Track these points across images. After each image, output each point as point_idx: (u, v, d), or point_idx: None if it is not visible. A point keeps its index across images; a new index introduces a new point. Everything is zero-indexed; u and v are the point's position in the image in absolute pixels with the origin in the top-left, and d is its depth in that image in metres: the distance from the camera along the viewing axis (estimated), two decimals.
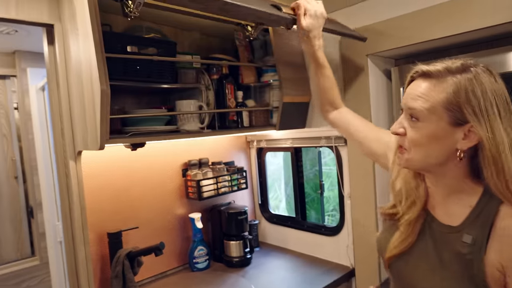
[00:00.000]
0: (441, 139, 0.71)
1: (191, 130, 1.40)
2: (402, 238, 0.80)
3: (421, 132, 0.72)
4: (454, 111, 0.69)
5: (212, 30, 1.68)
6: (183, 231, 1.77)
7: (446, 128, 0.70)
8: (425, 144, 0.72)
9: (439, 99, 0.70)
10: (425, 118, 0.71)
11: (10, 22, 1.21)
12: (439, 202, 0.79)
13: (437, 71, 0.72)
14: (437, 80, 0.71)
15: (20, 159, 2.32)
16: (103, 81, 1.02)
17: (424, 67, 0.74)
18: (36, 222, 2.28)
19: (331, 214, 3.43)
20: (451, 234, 0.74)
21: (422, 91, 0.72)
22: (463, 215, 0.73)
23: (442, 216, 0.78)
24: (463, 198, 0.74)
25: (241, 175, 1.90)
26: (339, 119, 1.15)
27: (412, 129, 0.74)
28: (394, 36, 1.37)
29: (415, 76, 0.76)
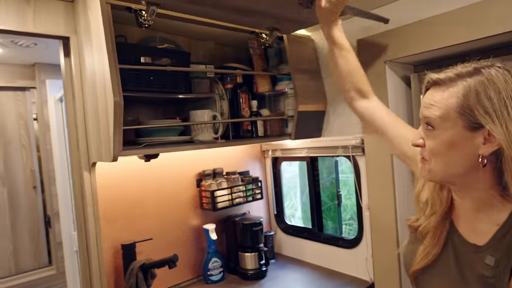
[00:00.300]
0: (459, 146, 0.68)
1: (205, 141, 1.38)
2: (427, 251, 0.77)
3: (437, 140, 0.70)
4: (467, 115, 0.66)
5: (226, 39, 1.68)
6: (197, 242, 1.75)
7: (463, 133, 0.67)
8: (443, 152, 0.70)
9: (450, 104, 0.68)
10: (439, 125, 0.69)
11: (28, 35, 1.23)
12: (465, 217, 0.75)
13: (447, 77, 0.70)
14: (448, 86, 0.69)
15: (39, 169, 2.36)
16: (116, 92, 1.02)
17: (434, 75, 0.72)
18: (53, 231, 2.30)
19: (349, 223, 3.36)
20: (474, 253, 0.71)
21: (434, 99, 0.70)
22: (489, 234, 0.70)
23: (466, 232, 0.74)
24: (493, 215, 0.70)
25: (256, 185, 1.87)
26: (366, 109, 1.03)
27: (428, 138, 0.72)
28: (413, 42, 1.32)
29: (429, 85, 0.74)
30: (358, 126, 1.58)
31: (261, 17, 1.28)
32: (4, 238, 2.24)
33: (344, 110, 1.65)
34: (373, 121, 1.02)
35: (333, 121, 1.70)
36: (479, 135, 0.66)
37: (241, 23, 1.36)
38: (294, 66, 1.58)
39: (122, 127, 1.06)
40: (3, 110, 2.26)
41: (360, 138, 1.55)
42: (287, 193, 3.23)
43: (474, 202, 0.73)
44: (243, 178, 1.86)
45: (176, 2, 1.07)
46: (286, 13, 1.24)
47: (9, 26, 1.14)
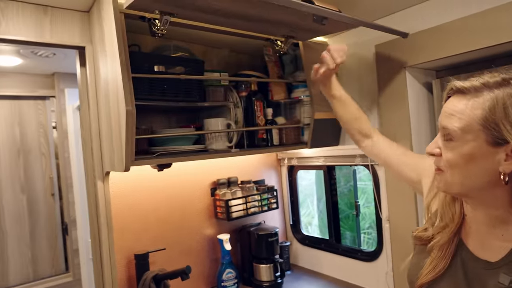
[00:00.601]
0: (479, 160, 0.65)
1: (219, 150, 1.36)
2: (434, 265, 0.74)
3: (455, 152, 0.67)
4: (491, 129, 0.62)
5: (241, 47, 1.66)
6: (212, 252, 1.72)
7: (484, 148, 0.64)
8: (462, 165, 0.66)
9: (474, 116, 0.64)
10: (459, 137, 0.66)
11: (45, 46, 1.25)
12: (476, 232, 0.73)
13: (473, 86, 0.66)
14: (473, 96, 0.65)
15: (57, 177, 2.40)
16: (129, 101, 1.01)
17: (458, 83, 0.68)
18: (70, 238, 2.33)
19: (367, 231, 3.27)
20: (486, 270, 0.68)
21: (456, 109, 0.66)
22: (502, 251, 0.67)
23: (476, 248, 0.72)
24: (508, 232, 0.67)
25: (272, 194, 1.83)
26: (373, 147, 1.10)
27: (446, 149, 0.68)
28: (434, 47, 1.27)
29: (451, 93, 0.70)
30: None
31: (275, 26, 1.25)
32: (23, 245, 2.28)
33: None
34: (378, 157, 1.09)
35: None
36: (501, 150, 0.63)
37: (255, 30, 1.34)
38: (310, 73, 1.54)
39: (134, 137, 1.05)
40: (24, 119, 2.32)
41: None
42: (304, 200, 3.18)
43: (488, 218, 0.70)
44: (258, 187, 1.83)
45: (189, 11, 1.06)
46: (300, 23, 1.21)
47: (27, 37, 1.16)
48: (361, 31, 1.54)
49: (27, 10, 1.16)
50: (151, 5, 1.01)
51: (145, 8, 1.04)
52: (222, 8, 1.03)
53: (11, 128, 2.27)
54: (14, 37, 1.15)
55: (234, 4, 0.99)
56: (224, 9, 1.04)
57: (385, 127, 1.46)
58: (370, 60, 1.51)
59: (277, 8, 1.00)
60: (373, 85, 1.50)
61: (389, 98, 1.43)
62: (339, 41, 1.66)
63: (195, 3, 0.99)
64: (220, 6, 1.01)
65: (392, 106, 1.42)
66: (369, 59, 1.52)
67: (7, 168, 2.25)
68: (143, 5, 1.01)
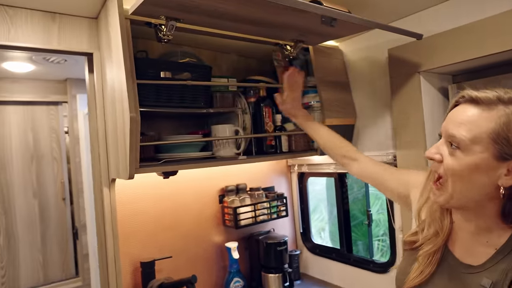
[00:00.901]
0: (482, 172, 0.65)
1: (226, 157, 1.33)
2: (421, 270, 0.76)
3: (461, 162, 0.66)
4: (502, 145, 0.63)
5: (250, 52, 1.64)
6: (220, 260, 1.69)
7: (490, 161, 0.64)
8: (464, 175, 0.66)
9: (486, 129, 0.64)
10: (466, 147, 0.65)
11: (52, 52, 1.25)
12: (461, 239, 0.75)
13: (487, 98, 0.65)
14: (486, 108, 0.65)
15: (68, 182, 2.42)
16: (133, 108, 0.99)
17: (473, 92, 0.67)
18: (80, 243, 2.34)
19: (382, 239, 3.19)
20: (469, 274, 0.70)
21: (467, 118, 0.66)
22: (485, 256, 0.69)
23: (461, 255, 0.74)
24: (492, 239, 0.70)
25: (281, 201, 1.79)
26: (360, 169, 1.12)
27: (451, 157, 0.68)
28: (450, 51, 1.22)
29: (461, 101, 0.70)
30: (390, 142, 1.47)
31: (283, 30, 1.22)
32: (34, 249, 2.30)
33: (374, 124, 1.54)
34: (367, 177, 1.10)
35: (362, 136, 1.60)
36: (504, 165, 0.64)
37: (263, 35, 1.31)
38: (321, 78, 1.51)
39: (138, 144, 1.03)
40: (37, 124, 2.35)
41: (393, 155, 1.44)
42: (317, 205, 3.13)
43: (476, 227, 0.72)
44: (268, 194, 1.79)
45: (195, 16, 1.04)
46: (309, 27, 1.18)
47: (35, 44, 1.16)
48: (373, 35, 1.50)
49: (35, 17, 1.16)
50: (156, 10, 1.00)
51: (150, 13, 1.03)
52: (228, 12, 1.00)
53: (24, 133, 2.30)
54: (22, 44, 1.15)
55: (239, 7, 0.97)
56: (230, 13, 1.01)
57: (398, 132, 1.40)
58: (383, 63, 1.47)
59: (283, 10, 0.97)
60: (386, 89, 1.45)
61: (402, 103, 1.38)
62: (350, 45, 1.62)
63: (200, 7, 0.97)
64: (226, 10, 0.99)
65: (405, 111, 1.37)
66: (381, 62, 1.48)
67: (20, 174, 2.28)
68: (148, 10, 1.00)
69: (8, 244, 2.22)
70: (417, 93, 1.32)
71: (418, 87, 1.32)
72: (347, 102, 1.60)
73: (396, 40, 1.38)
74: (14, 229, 2.24)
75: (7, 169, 2.24)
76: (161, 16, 1.04)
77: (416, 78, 1.32)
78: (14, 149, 2.27)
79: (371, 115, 1.56)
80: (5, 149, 2.25)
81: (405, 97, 1.36)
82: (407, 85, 1.34)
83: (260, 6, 0.96)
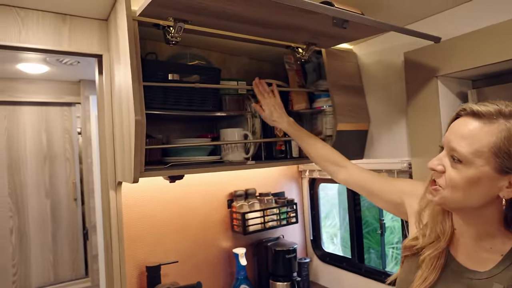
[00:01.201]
0: (483, 185, 0.66)
1: (234, 161, 1.30)
2: (424, 277, 0.75)
3: (462, 174, 0.67)
4: (503, 158, 0.64)
5: (261, 55, 1.61)
6: (227, 266, 1.66)
7: (490, 174, 0.65)
8: (465, 187, 0.68)
9: (487, 143, 0.65)
10: (468, 161, 0.66)
11: (63, 54, 1.25)
12: (464, 245, 0.75)
13: (488, 112, 0.66)
14: (487, 122, 0.66)
15: (80, 182, 2.44)
16: (138, 110, 0.98)
17: (474, 106, 0.68)
18: (90, 244, 2.35)
19: (396, 247, 3.11)
20: (477, 280, 0.70)
21: (469, 132, 0.67)
22: (491, 262, 0.70)
23: (465, 260, 0.74)
24: (495, 245, 0.71)
25: (291, 208, 1.75)
26: (349, 177, 1.11)
27: (453, 169, 0.69)
28: (470, 54, 1.16)
29: (462, 114, 0.71)
30: (405, 148, 1.42)
31: (294, 32, 1.19)
32: (45, 249, 2.33)
33: (389, 130, 1.49)
34: (357, 185, 1.09)
35: (376, 142, 1.55)
36: (506, 178, 0.65)
37: (274, 37, 1.28)
38: (333, 82, 1.47)
39: (144, 147, 1.01)
40: (50, 125, 2.38)
41: (408, 162, 1.38)
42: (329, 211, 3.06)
43: (478, 232, 0.72)
44: (277, 200, 1.76)
45: (203, 17, 1.02)
46: (321, 29, 1.14)
47: (46, 45, 1.16)
48: (388, 38, 1.45)
49: (46, 19, 1.17)
50: (164, 12, 0.98)
51: (158, 15, 1.02)
52: (236, 14, 0.98)
53: (38, 134, 2.33)
54: (33, 45, 1.15)
55: (247, 9, 0.94)
56: (239, 15, 0.99)
57: (414, 139, 1.35)
58: (398, 67, 1.41)
59: (291, 11, 0.94)
60: (401, 94, 1.40)
61: (419, 108, 1.32)
62: (365, 47, 1.57)
63: (209, 8, 0.94)
64: (234, 12, 0.96)
65: (422, 117, 1.31)
66: (397, 66, 1.42)
67: (33, 174, 2.32)
68: (156, 12, 0.98)
69: (20, 242, 2.25)
70: (434, 98, 1.26)
71: (435, 92, 1.26)
72: (361, 107, 1.55)
73: (412, 44, 1.33)
74: (26, 228, 2.27)
75: (21, 169, 2.28)
76: (169, 18, 1.02)
77: (434, 82, 1.26)
78: (28, 149, 2.31)
79: (386, 121, 1.50)
80: (20, 150, 2.28)
81: (422, 103, 1.31)
82: (424, 90, 1.29)
83: (267, 7, 0.92)
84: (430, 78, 1.27)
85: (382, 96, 1.52)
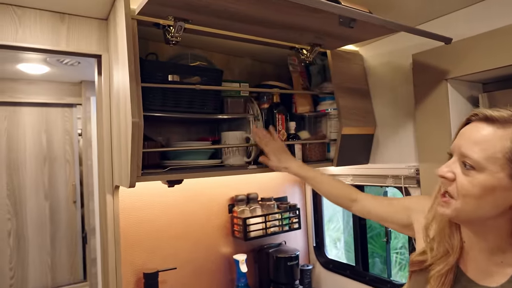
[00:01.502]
0: (496, 193, 0.64)
1: (235, 165, 1.26)
2: None
3: (475, 182, 0.64)
4: None
5: (264, 56, 1.57)
6: (227, 273, 1.61)
7: (505, 181, 0.63)
8: (478, 195, 0.64)
9: (501, 148, 0.62)
10: (481, 167, 0.63)
11: (61, 54, 1.22)
12: (474, 259, 0.72)
13: (501, 117, 0.64)
14: (501, 126, 0.64)
15: (80, 184, 2.41)
16: (135, 112, 0.94)
17: (487, 111, 0.66)
18: (89, 247, 2.31)
19: (400, 252, 3.06)
20: None
21: (482, 138, 0.65)
22: (502, 276, 0.67)
23: (475, 275, 0.71)
24: (506, 259, 0.68)
25: (294, 213, 1.71)
26: (361, 209, 1.11)
27: (464, 176, 0.66)
28: (481, 56, 1.11)
29: (473, 119, 0.69)
30: (412, 153, 1.37)
31: (298, 32, 1.15)
32: (43, 251, 2.29)
33: (396, 135, 1.44)
34: (370, 215, 1.09)
35: (382, 147, 1.50)
36: None
37: (277, 38, 1.24)
38: (338, 84, 1.42)
39: (141, 150, 0.98)
40: (51, 126, 2.36)
41: (415, 168, 1.34)
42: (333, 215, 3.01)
43: (487, 245, 0.70)
44: (280, 205, 1.71)
45: (204, 16, 0.98)
46: (326, 29, 1.10)
47: (43, 45, 1.13)
48: (396, 39, 1.41)
49: (44, 18, 1.14)
50: (163, 10, 0.94)
51: (157, 14, 0.98)
52: (238, 12, 0.94)
53: (38, 135, 2.31)
54: (30, 45, 1.12)
55: (250, 7, 0.90)
56: (241, 13, 0.95)
57: (422, 144, 1.30)
58: (406, 69, 1.37)
59: (296, 9, 0.90)
60: (408, 97, 1.36)
61: (427, 112, 1.28)
62: (371, 49, 1.53)
63: (210, 7, 0.91)
64: (237, 10, 0.93)
65: (430, 121, 1.27)
66: (404, 68, 1.38)
67: (32, 175, 2.29)
68: (155, 10, 0.94)
69: (17, 245, 2.22)
70: (444, 101, 1.22)
71: (445, 95, 1.21)
72: (367, 110, 1.51)
73: (420, 45, 1.29)
74: (25, 230, 2.24)
75: (20, 170, 2.25)
76: (169, 17, 0.99)
77: (443, 85, 1.21)
78: (27, 150, 2.28)
79: (392, 125, 1.46)
80: (19, 151, 2.26)
81: (431, 106, 1.26)
82: (433, 93, 1.24)
83: (272, 4, 0.89)
84: (440, 80, 1.22)
85: (388, 99, 1.48)
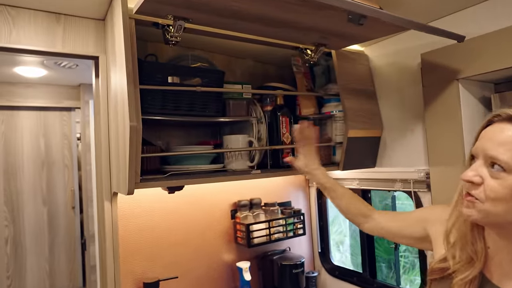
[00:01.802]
0: None
1: (238, 170, 1.22)
2: None
3: (505, 185, 0.62)
4: None
5: (267, 57, 1.53)
6: (230, 281, 1.56)
7: None
8: (508, 198, 0.62)
9: None
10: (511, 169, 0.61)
11: (57, 56, 1.18)
12: (499, 264, 0.69)
13: None
14: None
15: (79, 190, 2.37)
16: (133, 116, 0.89)
17: (510, 111, 0.64)
18: (88, 254, 2.26)
19: (404, 255, 3.01)
20: None
21: (508, 138, 0.63)
22: None
23: (500, 280, 0.68)
24: None
25: (298, 218, 1.66)
26: (374, 227, 1.06)
27: (494, 180, 0.63)
28: (494, 55, 1.07)
29: (496, 119, 0.66)
30: (422, 156, 1.32)
31: (303, 31, 1.10)
32: (42, 258, 2.25)
33: (404, 137, 1.40)
34: (385, 232, 1.04)
35: (390, 150, 1.45)
36: None
37: (281, 38, 1.20)
38: (344, 85, 1.38)
39: (140, 156, 0.93)
40: (49, 130, 2.32)
41: (425, 172, 1.29)
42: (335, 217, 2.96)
43: None
44: (284, 210, 1.66)
45: (205, 15, 0.94)
46: (332, 28, 1.05)
47: (38, 47, 1.09)
48: (403, 38, 1.37)
49: (39, 18, 1.10)
50: (162, 8, 0.90)
51: (156, 12, 0.94)
52: (241, 10, 0.89)
53: (36, 139, 2.27)
54: (25, 46, 1.08)
55: (253, 5, 0.86)
56: (243, 11, 0.91)
57: (433, 146, 1.25)
58: (414, 70, 1.32)
59: (303, 7, 0.85)
60: (416, 98, 1.31)
61: (437, 113, 1.23)
62: (377, 49, 1.49)
63: (210, 5, 0.87)
64: (239, 7, 0.88)
65: (441, 123, 1.22)
66: (412, 69, 1.33)
67: (30, 180, 2.25)
68: (153, 9, 0.90)
69: (15, 253, 2.17)
70: (455, 102, 1.17)
71: (456, 96, 1.16)
72: (373, 112, 1.46)
73: (428, 44, 1.24)
74: (22, 237, 2.20)
75: (18, 175, 2.21)
76: (168, 16, 0.95)
77: (454, 86, 1.17)
78: (25, 155, 2.24)
79: (400, 127, 1.41)
80: (17, 155, 2.21)
81: (441, 107, 1.21)
82: (443, 94, 1.19)
83: (277, 2, 0.84)
84: (451, 81, 1.17)
85: (395, 100, 1.43)
